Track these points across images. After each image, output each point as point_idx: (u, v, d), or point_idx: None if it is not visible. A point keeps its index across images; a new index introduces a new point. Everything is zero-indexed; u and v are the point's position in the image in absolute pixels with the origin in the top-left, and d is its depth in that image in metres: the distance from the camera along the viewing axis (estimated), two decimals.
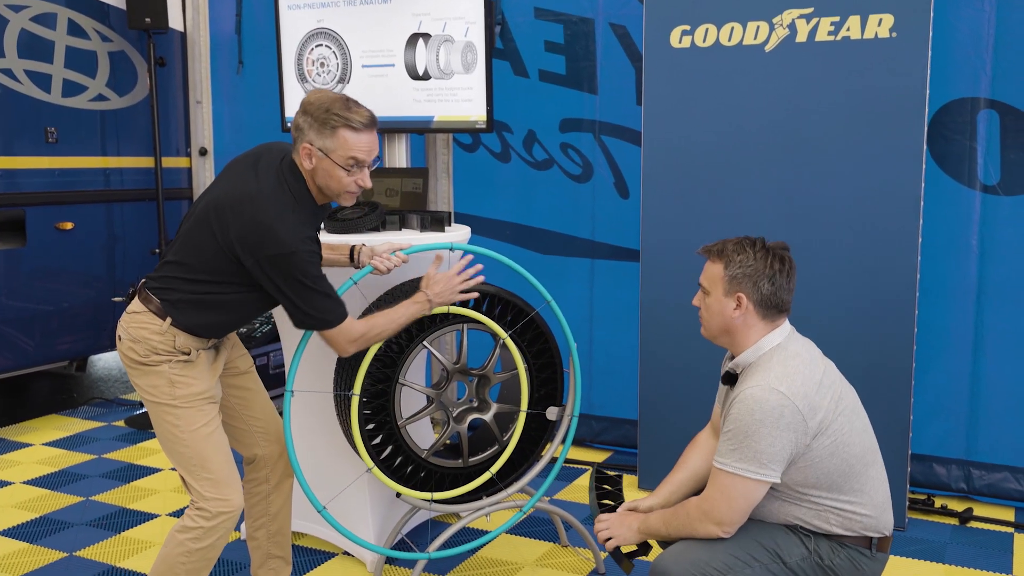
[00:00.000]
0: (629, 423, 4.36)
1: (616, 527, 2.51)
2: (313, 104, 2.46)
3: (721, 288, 2.36)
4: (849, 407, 2.36)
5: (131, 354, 2.52)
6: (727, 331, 2.38)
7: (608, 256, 4.40)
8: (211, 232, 2.46)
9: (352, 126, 2.45)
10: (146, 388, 2.53)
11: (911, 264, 3.43)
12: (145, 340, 2.49)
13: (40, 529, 3.64)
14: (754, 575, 2.32)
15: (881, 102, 3.40)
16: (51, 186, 4.90)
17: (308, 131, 2.45)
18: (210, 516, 2.47)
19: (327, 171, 2.48)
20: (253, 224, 2.40)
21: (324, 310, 2.49)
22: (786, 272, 2.36)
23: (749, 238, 2.39)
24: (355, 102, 2.50)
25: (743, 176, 3.64)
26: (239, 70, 5.39)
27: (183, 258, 2.51)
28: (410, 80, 4.11)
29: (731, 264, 2.34)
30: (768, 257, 2.34)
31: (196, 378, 2.53)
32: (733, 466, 2.27)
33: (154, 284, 2.53)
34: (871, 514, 2.36)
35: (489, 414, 3.13)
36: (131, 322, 2.53)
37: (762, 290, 2.33)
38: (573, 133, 4.41)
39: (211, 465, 2.49)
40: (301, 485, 2.81)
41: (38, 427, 4.95)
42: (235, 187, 2.48)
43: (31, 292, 4.89)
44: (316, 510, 2.84)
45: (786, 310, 2.38)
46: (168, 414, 2.50)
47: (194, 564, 2.49)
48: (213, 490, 2.48)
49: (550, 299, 3.04)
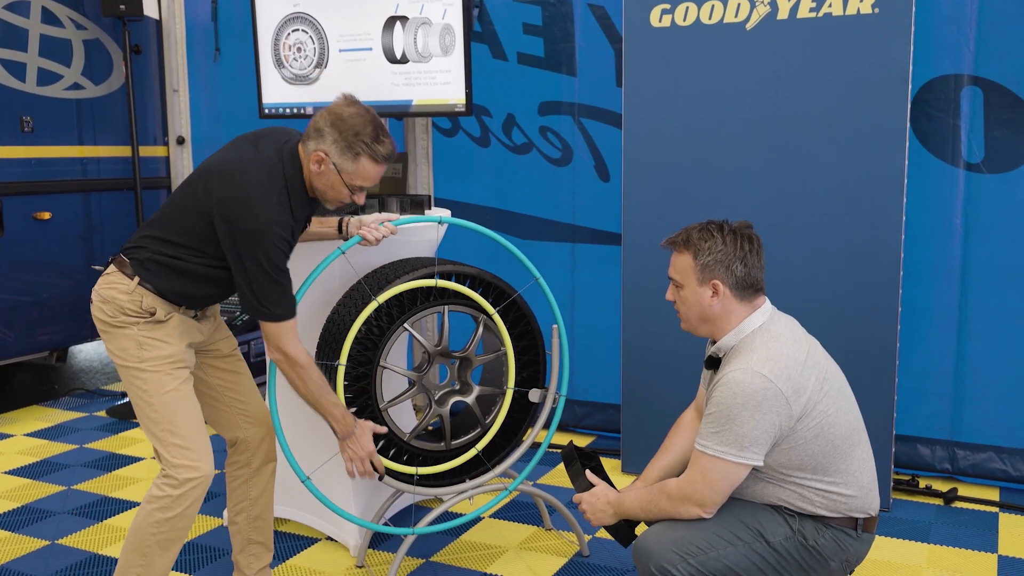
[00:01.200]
0: (612, 407, 4.34)
1: (591, 511, 2.48)
2: (345, 122, 2.43)
3: (694, 278, 2.32)
4: (835, 387, 2.33)
5: (100, 315, 2.50)
6: (706, 320, 2.36)
7: (589, 240, 4.37)
8: (194, 193, 2.45)
9: (375, 158, 2.46)
10: (116, 352, 2.50)
11: (895, 244, 3.41)
12: (113, 300, 2.46)
13: (22, 518, 3.61)
14: (737, 554, 2.30)
15: (863, 80, 3.37)
16: (28, 176, 4.84)
17: (330, 143, 2.43)
18: (177, 484, 2.42)
19: (331, 183, 2.48)
20: (238, 191, 2.38)
21: (271, 300, 2.43)
22: (755, 250, 2.33)
23: (712, 222, 2.35)
24: (384, 131, 2.48)
25: (725, 157, 3.61)
26: (216, 57, 5.34)
27: (160, 216, 2.50)
28: (388, 64, 4.07)
29: (700, 253, 2.31)
30: (736, 239, 2.31)
31: (165, 341, 2.48)
32: (715, 449, 2.25)
33: (129, 247, 2.52)
34: (856, 495, 2.34)
35: (471, 397, 3.10)
36: (102, 283, 2.51)
37: (736, 273, 2.30)
38: (552, 116, 4.37)
39: (179, 430, 2.45)
40: (285, 454, 2.76)
41: (19, 418, 4.91)
42: (230, 155, 2.48)
43: (9, 283, 4.83)
44: (300, 480, 2.78)
45: (761, 288, 2.36)
46: (136, 377, 2.47)
47: (164, 535, 2.44)
48: (181, 456, 2.43)
49: (538, 276, 3.02)
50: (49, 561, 3.24)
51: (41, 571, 3.16)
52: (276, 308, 2.45)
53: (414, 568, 3.16)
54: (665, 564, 2.27)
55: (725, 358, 2.35)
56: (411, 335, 2.96)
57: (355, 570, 3.15)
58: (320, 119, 2.46)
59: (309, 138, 2.47)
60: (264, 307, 2.44)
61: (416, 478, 2.98)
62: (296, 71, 4.31)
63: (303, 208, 2.55)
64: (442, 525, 3.06)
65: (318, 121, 2.46)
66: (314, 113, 4.29)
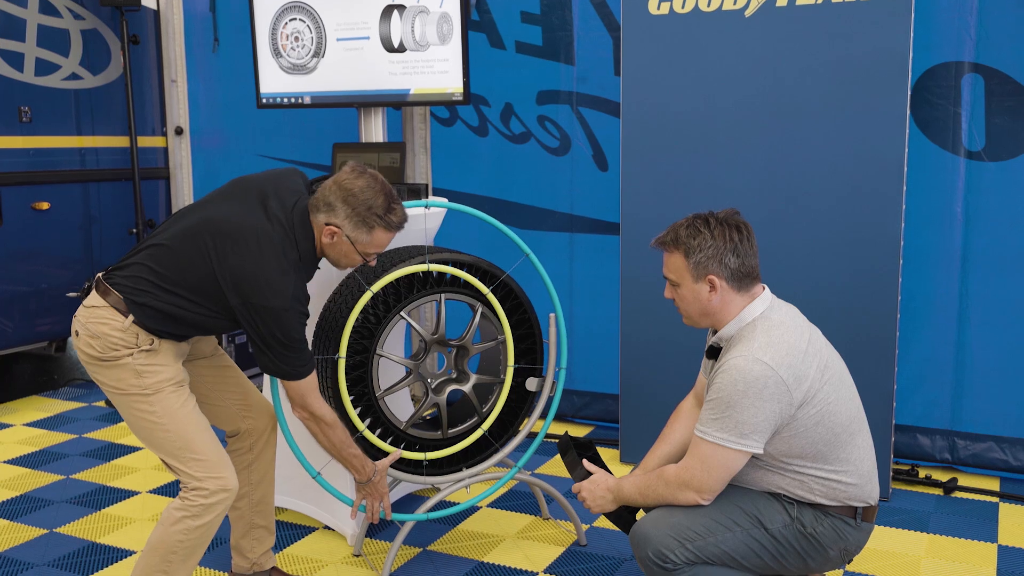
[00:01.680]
0: (611, 397, 4.33)
1: (591, 498, 2.48)
2: (356, 197, 2.40)
3: (689, 276, 2.31)
4: (835, 375, 2.32)
5: (89, 350, 2.41)
6: (707, 314, 2.35)
7: (587, 230, 4.36)
8: (201, 251, 2.37)
9: (389, 227, 2.45)
10: (111, 383, 2.43)
11: (895, 232, 3.39)
12: (104, 336, 2.38)
13: (21, 507, 3.60)
14: (735, 539, 2.30)
15: (863, 67, 3.35)
16: (26, 166, 4.83)
17: (343, 218, 2.40)
18: (208, 494, 2.39)
19: (345, 253, 2.46)
20: (253, 267, 2.34)
21: (289, 363, 2.42)
22: (746, 238, 2.31)
23: (699, 216, 2.33)
24: (394, 197, 2.45)
25: (724, 145, 3.59)
26: (215, 48, 5.32)
27: (164, 269, 2.40)
28: (385, 53, 4.05)
29: (691, 251, 2.29)
30: (725, 230, 2.29)
31: (163, 365, 2.43)
32: (714, 435, 2.24)
33: (120, 280, 2.41)
34: (856, 483, 2.33)
35: (468, 385, 3.08)
36: (89, 317, 2.41)
37: (730, 265, 2.28)
38: (550, 105, 4.36)
39: (196, 446, 2.41)
40: (294, 452, 2.76)
41: (18, 408, 4.91)
42: (241, 217, 2.39)
43: (8, 273, 4.83)
44: (310, 476, 2.80)
45: (757, 276, 2.34)
46: (140, 404, 2.41)
47: (191, 542, 2.41)
48: (203, 470, 2.40)
49: (528, 251, 3.01)
50: (47, 549, 3.23)
51: (39, 559, 3.16)
52: (296, 368, 2.43)
53: (411, 557, 3.15)
54: (663, 549, 2.27)
55: (726, 346, 2.34)
56: (408, 324, 2.95)
57: (352, 559, 3.14)
58: (330, 193, 2.41)
59: (319, 210, 2.43)
60: (283, 368, 2.42)
61: (426, 463, 2.97)
62: (294, 60, 4.30)
63: (312, 271, 2.53)
64: (442, 512, 3.04)
65: (328, 196, 2.41)
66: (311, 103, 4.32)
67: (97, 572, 3.07)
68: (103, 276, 2.46)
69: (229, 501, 2.44)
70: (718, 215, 2.33)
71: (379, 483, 2.72)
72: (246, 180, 2.55)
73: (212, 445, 2.45)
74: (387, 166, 3.96)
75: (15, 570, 3.09)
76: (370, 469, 2.67)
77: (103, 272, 2.48)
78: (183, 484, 2.43)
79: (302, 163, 4.98)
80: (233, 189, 2.52)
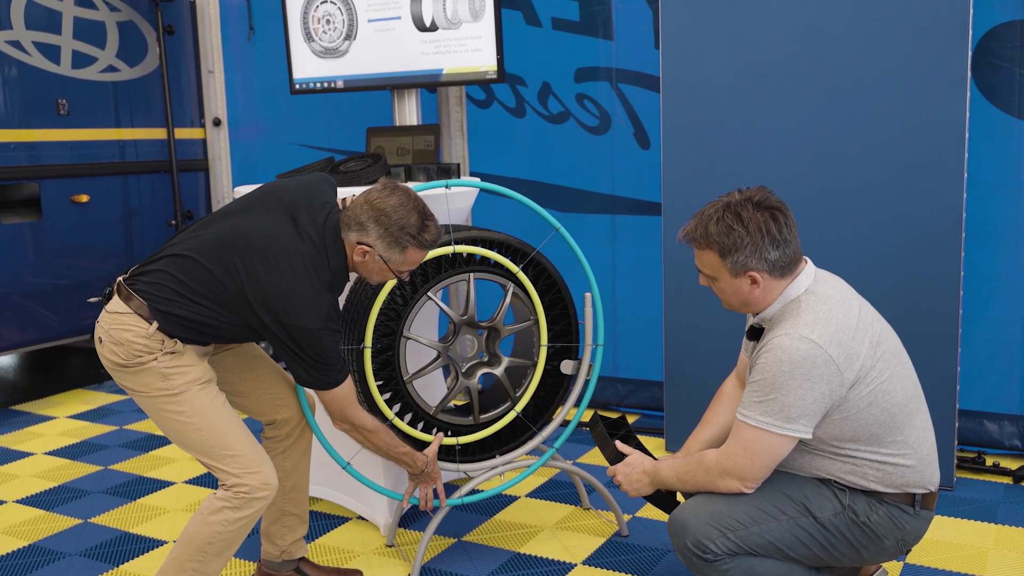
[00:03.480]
0: (656, 385, 4.17)
1: (626, 482, 2.34)
2: (389, 216, 2.31)
3: (727, 273, 2.14)
4: (889, 350, 2.15)
5: (113, 357, 2.34)
6: (749, 304, 2.19)
7: (630, 211, 4.21)
8: (232, 271, 2.29)
9: (422, 246, 2.36)
10: (137, 388, 2.37)
11: (956, 204, 3.19)
12: (129, 343, 2.31)
13: (57, 497, 3.59)
14: (781, 529, 2.14)
15: (920, 26, 3.14)
16: (65, 159, 4.83)
17: (375, 238, 2.32)
18: (250, 489, 2.33)
19: (377, 271, 2.39)
20: (285, 288, 2.26)
21: (325, 373, 2.36)
22: (784, 224, 2.11)
23: (728, 206, 2.12)
24: (428, 214, 2.36)
25: (770, 115, 3.41)
26: (250, 36, 5.27)
27: (190, 280, 2.32)
28: (417, 32, 3.96)
29: (727, 250, 2.10)
30: (761, 221, 2.09)
31: (189, 365, 2.36)
32: (757, 419, 2.09)
33: (144, 287, 2.33)
34: (914, 466, 2.15)
35: (500, 368, 2.96)
36: (112, 323, 2.33)
37: (770, 258, 2.10)
38: (589, 83, 4.21)
39: (230, 442, 2.35)
40: (323, 444, 2.70)
41: (63, 401, 4.93)
42: (271, 233, 2.31)
43: (50, 266, 4.84)
44: (340, 467, 2.73)
45: (799, 259, 2.16)
46: (169, 404, 2.35)
47: (228, 535, 2.34)
48: (240, 466, 2.34)
49: (558, 225, 2.88)
50: (80, 539, 3.20)
51: (72, 549, 3.12)
52: (331, 378, 2.37)
53: (445, 547, 3.04)
54: (702, 539, 2.12)
55: (769, 325, 2.18)
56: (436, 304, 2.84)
57: (385, 549, 3.05)
58: (361, 212, 2.33)
59: (350, 228, 2.34)
60: (318, 379, 2.36)
61: (458, 448, 2.87)
62: (326, 44, 4.23)
63: (343, 286, 2.45)
64: (479, 496, 2.92)
65: (359, 214, 2.33)
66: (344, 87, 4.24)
67: (128, 562, 3.02)
68: (125, 280, 2.38)
69: (271, 496, 2.37)
70: (751, 198, 2.12)
71: (433, 472, 2.70)
72: (275, 190, 2.45)
73: (247, 440, 2.38)
74: (421, 149, 3.87)
75: (47, 560, 3.06)
76: (422, 461, 2.65)
77: (125, 276, 2.41)
78: (222, 483, 2.36)
79: (338, 150, 4.91)
80: (261, 199, 2.43)
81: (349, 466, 2.73)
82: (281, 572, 2.75)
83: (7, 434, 4.40)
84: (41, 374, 5.61)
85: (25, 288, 4.73)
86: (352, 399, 2.43)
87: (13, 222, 4.65)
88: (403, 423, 2.78)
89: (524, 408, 2.96)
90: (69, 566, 3.01)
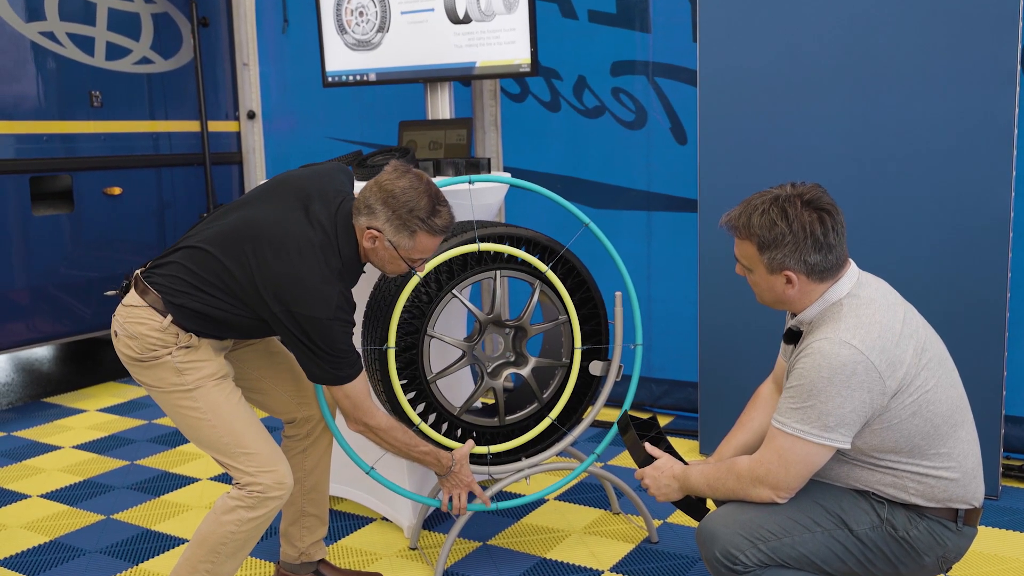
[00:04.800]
0: (691, 386, 4.08)
1: (655, 486, 2.26)
2: (397, 198, 2.23)
3: (763, 267, 2.05)
4: (934, 358, 2.04)
5: (128, 351, 2.31)
6: (782, 302, 2.09)
7: (666, 208, 4.11)
8: (243, 261, 2.24)
9: (433, 232, 2.27)
10: (152, 383, 2.33)
11: (1003, 202, 3.06)
12: (143, 336, 2.27)
13: (81, 492, 3.58)
14: (815, 541, 2.05)
15: (968, 18, 3.02)
16: (98, 151, 4.83)
17: (383, 221, 2.24)
18: (264, 488, 2.28)
19: (388, 259, 2.31)
20: (296, 277, 2.20)
21: (337, 367, 2.28)
22: (832, 228, 2.00)
23: (776, 200, 2.02)
24: (440, 199, 2.28)
25: (810, 110, 3.30)
26: (284, 29, 5.24)
27: (203, 271, 2.28)
28: (450, 24, 3.89)
29: (765, 245, 2.01)
30: (807, 222, 1.99)
31: (204, 360, 2.32)
32: (793, 427, 2.00)
33: (159, 280, 2.29)
34: (959, 480, 2.04)
35: (527, 369, 2.88)
36: (127, 316, 2.30)
37: (809, 261, 2.00)
38: (625, 76, 4.12)
39: (245, 440, 2.30)
40: (344, 449, 2.63)
41: (95, 394, 4.95)
42: (281, 222, 2.26)
43: (83, 258, 4.85)
44: (364, 471, 2.65)
45: (843, 264, 2.06)
46: (183, 400, 2.30)
47: (242, 535, 2.30)
48: (254, 465, 2.28)
49: (587, 221, 2.79)
50: (102, 536, 3.18)
51: (92, 546, 3.11)
52: (343, 372, 2.29)
53: (469, 551, 2.98)
54: (732, 549, 2.04)
55: (807, 329, 2.08)
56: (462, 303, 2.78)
57: (408, 552, 2.99)
58: (371, 194, 2.26)
59: (360, 213, 2.28)
60: (329, 373, 2.29)
61: (489, 457, 2.80)
62: (359, 36, 4.18)
63: (357, 277, 2.38)
64: (515, 501, 2.85)
65: (368, 197, 2.26)
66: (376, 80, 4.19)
67: (147, 560, 3.00)
68: (142, 274, 2.34)
69: (285, 496, 2.32)
70: (803, 195, 2.02)
71: (461, 472, 2.61)
72: (288, 179, 2.40)
73: (262, 438, 2.33)
74: (454, 143, 3.81)
75: (66, 556, 3.04)
76: (446, 460, 2.56)
77: (142, 269, 2.37)
78: (236, 481, 2.31)
79: (370, 143, 4.87)
80: (275, 188, 2.38)
81: (373, 471, 2.67)
82: (300, 574, 2.71)
83: (37, 427, 4.42)
84: (74, 366, 5.64)
85: (58, 280, 4.75)
86: (366, 396, 2.36)
87: (46, 214, 4.67)
88: (428, 427, 2.71)
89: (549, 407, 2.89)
90: (88, 564, 2.99)
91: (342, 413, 2.40)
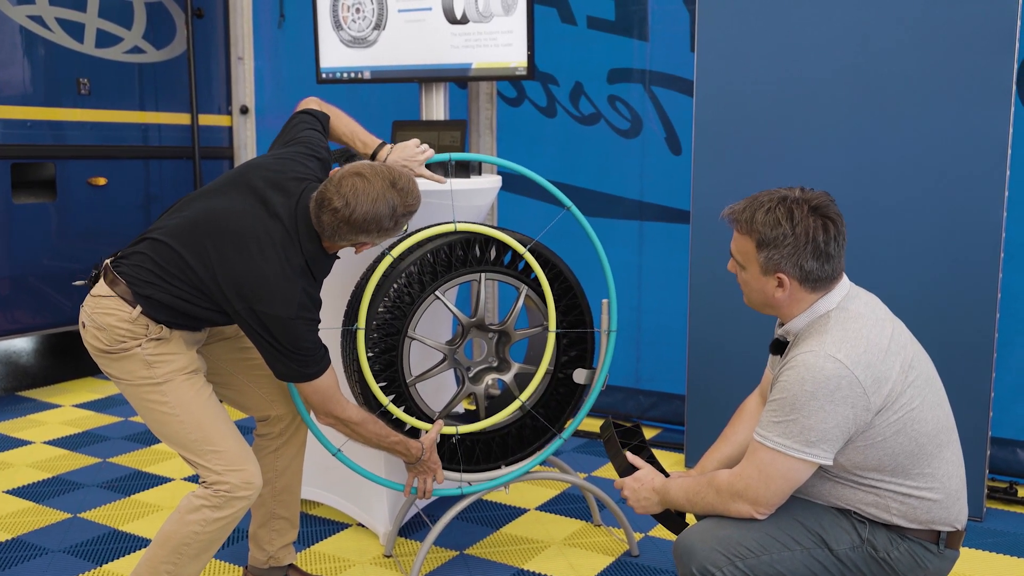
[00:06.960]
0: (679, 399, 4.03)
1: (633, 498, 2.21)
2: (367, 229, 2.20)
3: (757, 266, 2.01)
4: (921, 376, 2.00)
5: (96, 343, 2.24)
6: (770, 306, 2.05)
7: (658, 218, 4.07)
8: (204, 256, 2.19)
9: (402, 226, 2.30)
10: (121, 375, 2.26)
11: (995, 222, 3.04)
12: (111, 328, 2.21)
13: (50, 489, 3.50)
14: (793, 559, 2.00)
15: (963, 37, 3.00)
16: (83, 139, 4.76)
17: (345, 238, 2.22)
18: (230, 488, 2.22)
19: (355, 249, 2.36)
20: (257, 274, 2.16)
21: (303, 364, 2.24)
22: (833, 238, 1.97)
23: (783, 200, 1.99)
24: (398, 187, 2.23)
25: (806, 125, 3.27)
26: (280, 23, 5.19)
27: (167, 263, 2.22)
28: (447, 24, 3.85)
29: (764, 243, 1.97)
30: (810, 227, 1.95)
31: (175, 354, 2.26)
32: (775, 441, 1.95)
33: (127, 270, 2.24)
34: (941, 501, 2.00)
35: (509, 375, 2.83)
36: (96, 307, 2.24)
37: (805, 267, 1.96)
38: (622, 84, 4.08)
39: (214, 437, 2.24)
40: (312, 430, 2.57)
41: (72, 389, 4.87)
42: (240, 215, 2.21)
43: (63, 249, 4.77)
44: (331, 453, 2.59)
45: (837, 277, 2.02)
46: (151, 395, 2.24)
47: (208, 536, 2.23)
48: (221, 463, 2.22)
49: (570, 204, 2.76)
50: (67, 535, 3.10)
51: (56, 545, 3.03)
52: (310, 369, 2.24)
53: (445, 560, 2.92)
54: (708, 566, 1.99)
55: (794, 340, 2.04)
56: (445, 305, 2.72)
57: (382, 559, 2.93)
58: (336, 230, 2.21)
59: (332, 239, 2.25)
60: (295, 370, 2.24)
61: (456, 438, 2.74)
62: (355, 33, 4.13)
63: (326, 267, 2.33)
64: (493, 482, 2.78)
65: (337, 229, 2.21)
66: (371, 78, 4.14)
67: (112, 561, 2.93)
68: (111, 263, 2.28)
69: (253, 497, 2.26)
70: (811, 200, 1.99)
71: (430, 460, 2.59)
72: (249, 168, 2.34)
73: (232, 436, 2.27)
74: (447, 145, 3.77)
75: (28, 555, 2.96)
76: (416, 449, 2.53)
77: (111, 258, 2.31)
78: (202, 480, 2.25)
79: None
80: (235, 179, 2.32)
81: (340, 452, 2.60)
82: None
83: (9, 420, 4.34)
84: (53, 359, 5.56)
85: (39, 270, 4.68)
86: (334, 392, 2.31)
87: (27, 202, 4.59)
88: (399, 410, 2.64)
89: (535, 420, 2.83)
90: (51, 563, 2.91)
91: (311, 408, 2.35)
